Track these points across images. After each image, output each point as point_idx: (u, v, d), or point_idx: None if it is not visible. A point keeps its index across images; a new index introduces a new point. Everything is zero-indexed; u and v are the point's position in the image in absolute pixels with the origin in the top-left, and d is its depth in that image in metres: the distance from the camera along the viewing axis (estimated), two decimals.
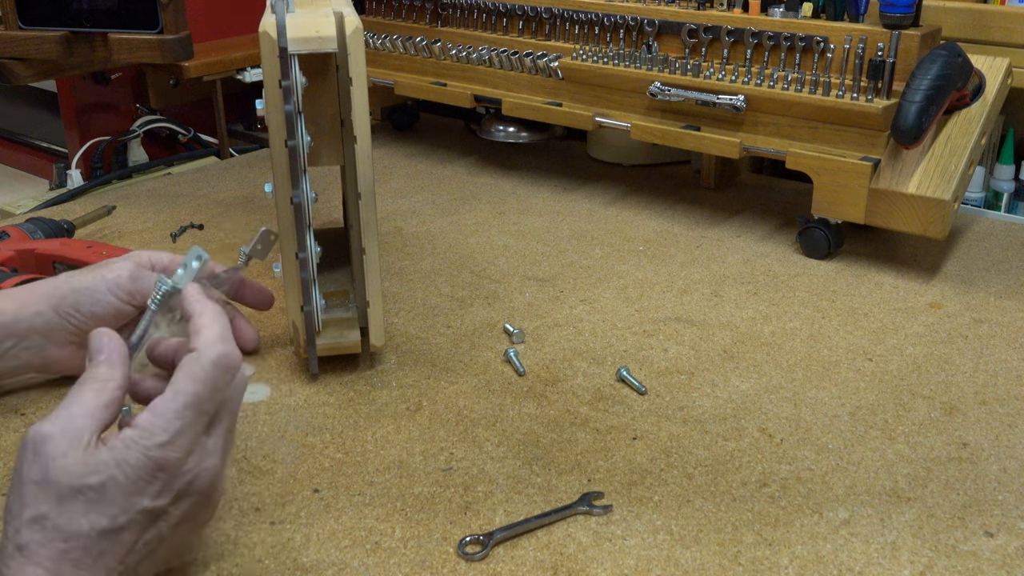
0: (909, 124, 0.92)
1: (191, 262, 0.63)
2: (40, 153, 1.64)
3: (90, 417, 0.53)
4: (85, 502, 0.50)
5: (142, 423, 0.53)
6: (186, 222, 1.12)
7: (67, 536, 0.50)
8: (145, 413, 0.53)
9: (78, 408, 0.53)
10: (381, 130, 1.50)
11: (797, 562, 0.60)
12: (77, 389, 0.55)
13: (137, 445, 0.52)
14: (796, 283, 0.98)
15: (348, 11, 0.74)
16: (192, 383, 0.54)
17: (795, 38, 1.01)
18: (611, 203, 1.21)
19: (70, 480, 0.50)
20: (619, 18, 1.13)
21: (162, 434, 0.53)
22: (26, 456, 0.51)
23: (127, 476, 0.51)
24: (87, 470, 0.51)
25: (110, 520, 0.51)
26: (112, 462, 0.51)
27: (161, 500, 0.53)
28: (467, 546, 0.61)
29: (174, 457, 0.53)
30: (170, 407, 0.53)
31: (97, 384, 0.55)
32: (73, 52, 1.08)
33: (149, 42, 1.06)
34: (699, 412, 0.76)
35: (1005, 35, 1.09)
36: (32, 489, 0.50)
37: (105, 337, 0.57)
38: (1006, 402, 0.77)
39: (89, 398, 0.54)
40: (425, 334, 0.88)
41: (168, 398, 0.54)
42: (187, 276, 0.62)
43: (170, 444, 0.53)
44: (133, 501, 0.51)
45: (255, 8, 0.91)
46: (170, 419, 0.53)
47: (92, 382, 0.55)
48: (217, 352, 0.56)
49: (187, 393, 0.54)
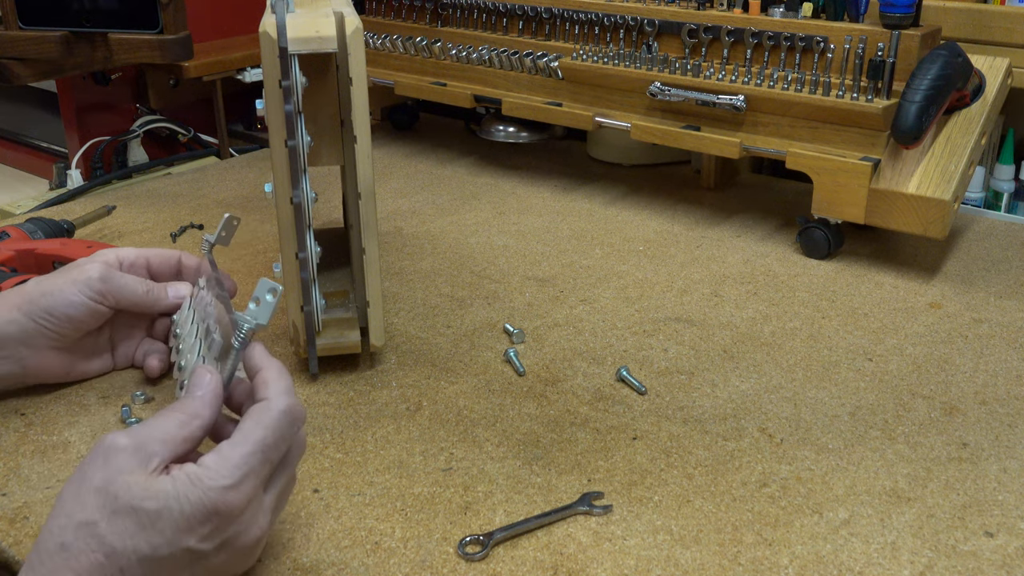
0: (909, 124, 0.92)
1: (265, 295, 0.60)
2: (40, 153, 1.64)
3: (166, 444, 0.53)
4: (136, 524, 0.50)
5: (208, 463, 0.53)
6: (186, 222, 1.13)
7: (109, 552, 0.50)
8: (212, 454, 0.53)
9: (159, 433, 0.54)
10: (381, 130, 1.50)
11: (797, 562, 0.60)
12: (166, 413, 0.56)
13: (200, 483, 0.52)
14: (796, 283, 0.98)
15: (348, 11, 0.74)
16: (261, 430, 0.55)
17: (795, 38, 1.01)
18: (611, 203, 1.21)
19: (129, 498, 0.50)
20: (619, 18, 1.13)
21: (226, 478, 0.52)
22: (95, 460, 0.52)
23: (182, 511, 0.51)
24: (147, 494, 0.51)
25: (152, 549, 0.50)
26: (172, 493, 0.51)
27: (206, 544, 0.52)
28: (467, 546, 0.61)
29: (233, 503, 0.53)
30: (238, 452, 0.53)
31: (185, 417, 0.55)
32: (73, 52, 1.08)
33: (149, 42, 1.06)
34: (699, 412, 0.76)
35: (1005, 35, 1.09)
36: (91, 493, 0.51)
37: (208, 375, 0.58)
38: (1006, 402, 0.77)
39: (173, 428, 0.54)
40: (425, 334, 0.88)
41: (236, 442, 0.54)
42: (265, 311, 0.60)
43: (232, 489, 0.52)
44: (180, 537, 0.51)
45: (255, 8, 0.91)
46: (236, 463, 0.53)
47: (182, 413, 0.56)
48: (287, 403, 0.57)
49: (255, 440, 0.54)
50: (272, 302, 0.60)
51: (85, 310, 0.74)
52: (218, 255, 1.05)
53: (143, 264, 0.79)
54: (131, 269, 0.78)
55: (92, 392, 0.79)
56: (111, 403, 0.77)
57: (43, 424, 0.75)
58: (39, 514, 0.64)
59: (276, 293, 0.60)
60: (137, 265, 0.79)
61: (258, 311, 0.60)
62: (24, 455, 0.71)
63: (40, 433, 0.74)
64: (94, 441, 0.72)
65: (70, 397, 0.78)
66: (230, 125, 1.56)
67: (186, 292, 0.79)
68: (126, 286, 0.76)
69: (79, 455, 0.71)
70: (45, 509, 0.65)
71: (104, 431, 0.73)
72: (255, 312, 0.60)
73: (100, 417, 0.75)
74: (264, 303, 0.60)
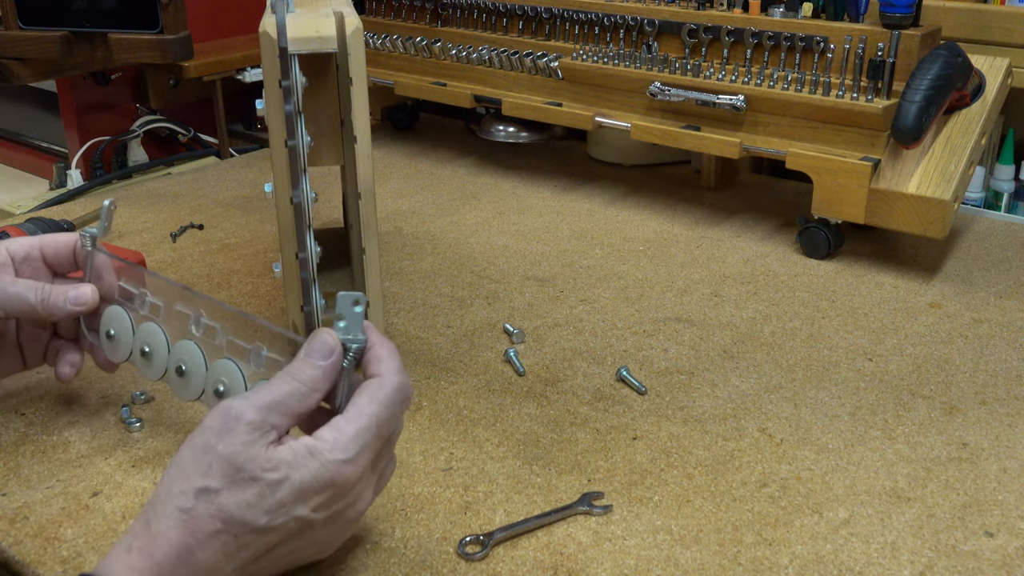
0: (909, 124, 0.92)
1: (351, 309, 0.58)
2: (40, 153, 1.64)
3: (285, 417, 0.54)
4: (256, 494, 0.51)
5: (325, 436, 0.53)
6: (186, 222, 1.13)
7: (227, 520, 0.51)
8: (327, 428, 0.54)
9: (280, 407, 0.54)
10: (381, 130, 1.50)
11: (797, 562, 0.60)
12: (284, 379, 0.55)
13: (319, 456, 0.52)
14: (796, 283, 0.98)
15: (348, 11, 0.74)
16: (376, 405, 0.55)
17: (795, 38, 1.01)
18: (611, 203, 1.21)
19: (252, 469, 0.51)
20: (619, 18, 1.13)
21: (343, 452, 0.53)
22: (220, 426, 0.52)
23: (301, 481, 0.52)
24: (269, 465, 0.51)
25: (269, 519, 0.51)
26: (292, 463, 0.52)
27: (318, 514, 0.53)
28: (467, 546, 0.61)
29: (349, 476, 0.53)
30: (354, 426, 0.54)
31: (305, 389, 0.55)
32: (73, 52, 1.08)
33: (149, 42, 1.06)
34: (699, 412, 0.76)
35: (1005, 35, 1.09)
36: (216, 461, 0.51)
37: (333, 344, 0.57)
38: (1006, 402, 0.77)
39: (293, 402, 0.54)
40: (425, 334, 0.88)
41: (352, 418, 0.54)
42: (356, 324, 0.58)
43: (349, 462, 0.53)
44: (295, 507, 0.52)
45: (255, 8, 0.91)
46: (353, 437, 0.54)
47: (302, 385, 0.55)
48: (400, 380, 0.57)
49: (370, 415, 0.54)
50: (359, 312, 0.58)
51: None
52: (216, 255, 1.05)
53: (37, 256, 0.71)
54: (24, 263, 0.70)
55: (92, 392, 0.79)
56: (111, 403, 0.77)
57: (43, 424, 0.75)
58: (39, 514, 0.64)
59: (360, 303, 0.58)
60: (31, 258, 0.71)
61: (350, 326, 0.58)
62: (24, 455, 0.71)
63: (40, 433, 0.74)
64: (94, 441, 0.72)
65: (70, 397, 0.78)
66: (230, 125, 1.55)
67: (87, 299, 0.69)
68: (16, 295, 0.68)
69: (79, 455, 0.71)
70: (45, 509, 0.65)
71: (104, 431, 0.73)
72: (347, 329, 0.58)
73: (100, 417, 0.75)
74: (352, 316, 0.58)
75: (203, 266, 1.02)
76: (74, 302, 0.69)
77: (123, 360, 0.71)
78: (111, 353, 0.72)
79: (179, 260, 1.04)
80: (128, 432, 0.74)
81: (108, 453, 0.71)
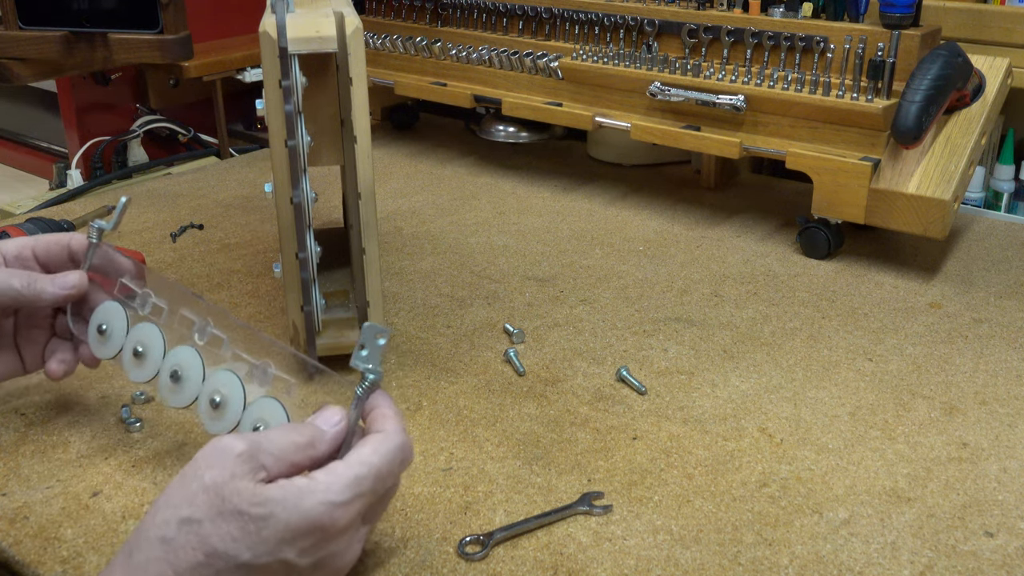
0: (909, 124, 0.92)
1: (374, 340, 0.58)
2: (40, 153, 1.65)
3: (278, 461, 0.53)
4: (240, 528, 0.50)
5: (320, 478, 0.52)
6: (186, 222, 1.13)
7: (209, 553, 0.49)
8: (323, 472, 0.53)
9: (275, 449, 0.53)
10: (381, 130, 1.50)
11: (797, 562, 0.60)
12: (287, 430, 0.55)
13: (311, 495, 0.51)
14: (796, 283, 0.98)
15: (348, 11, 0.74)
16: (378, 457, 0.54)
17: (795, 38, 1.01)
18: (611, 203, 1.21)
19: (238, 502, 0.50)
20: (619, 18, 1.13)
21: (337, 495, 0.52)
22: (208, 457, 0.51)
23: (288, 521, 0.50)
24: (256, 500, 0.50)
25: (252, 556, 0.50)
26: (281, 500, 0.51)
27: (304, 559, 0.52)
28: (467, 546, 0.61)
29: (339, 520, 0.52)
30: (352, 472, 0.53)
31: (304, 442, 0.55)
32: (73, 52, 1.08)
33: (149, 42, 1.06)
34: (699, 412, 0.76)
35: (1005, 35, 1.09)
36: (201, 491, 0.50)
37: (340, 417, 0.57)
38: (1006, 402, 0.77)
39: (289, 450, 0.54)
40: (425, 334, 0.88)
41: (352, 463, 0.53)
42: (376, 356, 0.59)
43: (341, 506, 0.52)
44: (281, 548, 0.51)
45: (255, 8, 0.91)
46: (348, 483, 0.52)
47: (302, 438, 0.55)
48: (404, 439, 0.56)
49: (370, 465, 0.54)
50: (381, 345, 0.58)
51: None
52: (216, 255, 1.05)
53: (29, 256, 0.72)
54: (16, 263, 0.71)
55: (92, 392, 0.79)
56: (111, 403, 0.77)
57: (43, 424, 0.75)
58: (39, 514, 0.64)
59: (384, 336, 0.59)
60: (23, 257, 0.71)
61: (369, 356, 0.58)
62: (24, 455, 0.71)
63: (40, 433, 0.74)
64: (94, 441, 0.72)
65: (70, 397, 0.78)
66: (230, 125, 1.56)
67: (76, 282, 0.70)
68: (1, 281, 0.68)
69: (79, 455, 0.71)
70: (45, 509, 0.65)
71: (104, 431, 0.74)
72: (366, 358, 0.58)
73: (100, 417, 0.75)
74: (373, 347, 0.58)
75: (203, 266, 1.02)
76: (61, 286, 0.69)
77: (110, 357, 0.69)
78: (98, 348, 0.70)
79: (179, 260, 1.04)
80: (128, 432, 0.74)
81: (108, 453, 0.71)
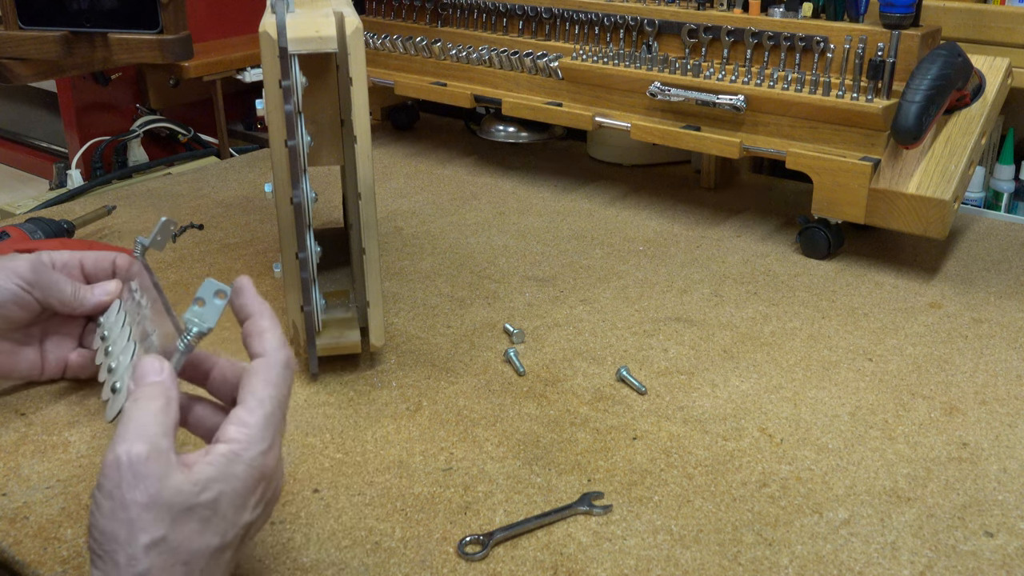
0: (909, 124, 0.92)
1: (212, 298, 0.56)
2: (40, 153, 1.65)
3: (167, 437, 0.51)
4: (200, 521, 0.50)
5: (235, 436, 0.52)
6: (186, 222, 1.12)
7: (188, 557, 0.49)
8: (233, 426, 0.52)
9: (154, 428, 0.51)
10: (381, 130, 1.50)
11: (797, 562, 0.60)
12: (141, 407, 0.52)
13: (240, 457, 0.51)
14: (796, 283, 0.98)
15: (348, 11, 0.74)
16: (272, 387, 0.54)
17: (795, 38, 1.01)
18: (611, 203, 1.21)
19: (184, 499, 0.49)
20: (619, 18, 1.13)
21: (260, 443, 0.52)
22: (124, 479, 0.49)
23: (235, 490, 0.51)
24: (198, 488, 0.50)
25: (221, 537, 0.50)
26: (219, 477, 0.50)
27: (258, 511, 0.53)
28: (467, 546, 0.61)
29: (271, 462, 0.53)
30: (259, 414, 0.53)
31: (162, 402, 0.53)
32: (73, 52, 1.08)
33: (149, 42, 1.06)
34: (699, 412, 0.76)
35: (1005, 35, 1.09)
36: (142, 513, 0.48)
37: (157, 362, 0.55)
38: (1006, 402, 0.77)
39: (161, 418, 0.52)
40: (425, 334, 0.88)
41: (253, 407, 0.53)
42: (212, 313, 0.56)
43: (267, 451, 0.53)
44: (240, 514, 0.51)
45: (255, 8, 0.91)
46: (262, 427, 0.53)
47: (154, 401, 0.52)
48: (285, 354, 0.56)
49: (270, 398, 0.54)
50: (219, 305, 0.56)
51: (11, 297, 0.72)
52: (216, 255, 1.05)
53: (76, 265, 0.77)
54: (64, 271, 0.76)
55: (92, 392, 0.79)
56: None
57: (43, 424, 0.75)
58: (39, 514, 0.64)
59: (224, 296, 0.56)
60: (70, 266, 0.76)
61: (204, 313, 0.56)
62: (24, 455, 0.71)
63: (40, 433, 0.74)
64: (94, 441, 0.72)
65: (70, 397, 0.78)
66: (230, 125, 1.56)
67: (114, 289, 0.76)
68: (55, 283, 0.74)
69: (79, 455, 0.71)
70: (45, 509, 0.65)
71: (104, 431, 0.73)
72: (200, 314, 0.56)
73: (100, 417, 0.75)
74: (211, 305, 0.56)
75: (203, 266, 1.02)
76: (102, 292, 0.76)
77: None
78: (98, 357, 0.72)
79: (179, 260, 1.04)
80: None
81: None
